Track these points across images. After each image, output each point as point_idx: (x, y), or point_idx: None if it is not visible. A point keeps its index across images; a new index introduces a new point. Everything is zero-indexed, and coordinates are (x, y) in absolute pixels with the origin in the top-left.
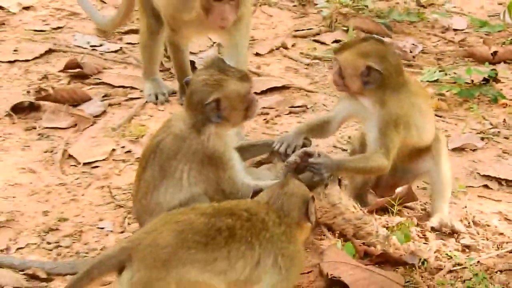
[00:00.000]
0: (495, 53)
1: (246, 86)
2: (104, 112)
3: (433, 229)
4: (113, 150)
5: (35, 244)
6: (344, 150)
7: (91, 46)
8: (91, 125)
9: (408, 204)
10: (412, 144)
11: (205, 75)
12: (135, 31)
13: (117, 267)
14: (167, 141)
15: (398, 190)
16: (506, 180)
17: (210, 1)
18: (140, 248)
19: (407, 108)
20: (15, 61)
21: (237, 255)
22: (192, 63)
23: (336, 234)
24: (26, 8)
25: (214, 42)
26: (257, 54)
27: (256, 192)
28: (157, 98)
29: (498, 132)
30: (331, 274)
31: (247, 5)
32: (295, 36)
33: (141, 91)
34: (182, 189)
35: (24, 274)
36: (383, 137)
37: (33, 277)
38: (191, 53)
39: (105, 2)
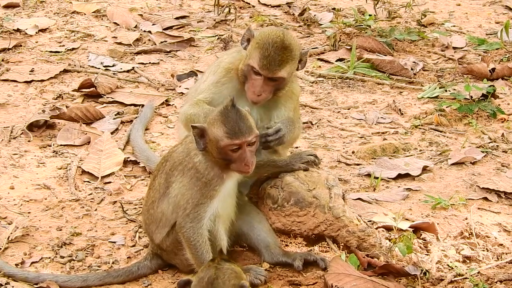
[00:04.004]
0: (493, 70)
1: (229, 142)
2: (116, 130)
3: None
4: (125, 166)
5: (49, 258)
6: (348, 164)
7: (105, 66)
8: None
9: None
10: None
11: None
12: (146, 52)
13: None
14: (178, 150)
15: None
16: (505, 193)
17: (250, 71)
18: None
19: None
20: (31, 81)
21: None
22: None
23: (341, 246)
24: (42, 30)
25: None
26: None
27: (184, 285)
28: None
29: (497, 146)
30: (335, 285)
31: (291, 89)
32: None
33: None
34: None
35: (38, 287)
36: None
37: None
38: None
39: (117, 24)
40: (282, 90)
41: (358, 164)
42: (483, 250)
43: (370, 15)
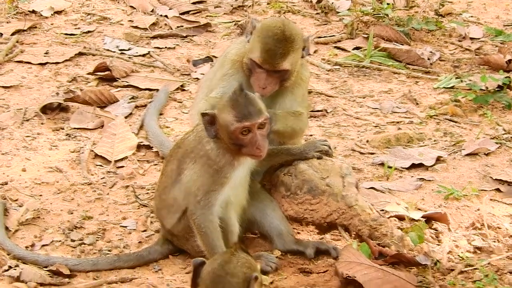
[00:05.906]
0: (509, 61)
1: (239, 125)
2: (130, 114)
3: None
4: (138, 150)
5: (60, 241)
6: (362, 153)
7: (120, 50)
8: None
9: None
10: None
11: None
12: (162, 36)
13: None
14: (190, 138)
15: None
16: None
17: (253, 65)
18: None
19: None
20: (46, 63)
21: None
22: None
23: (352, 235)
24: (58, 12)
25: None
26: None
27: (198, 265)
28: None
29: (511, 137)
30: (346, 274)
31: (300, 76)
32: (317, 43)
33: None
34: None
35: (48, 270)
36: None
37: (56, 273)
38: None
39: (134, 8)
40: (289, 80)
41: (372, 153)
42: (494, 241)
43: (388, 4)
